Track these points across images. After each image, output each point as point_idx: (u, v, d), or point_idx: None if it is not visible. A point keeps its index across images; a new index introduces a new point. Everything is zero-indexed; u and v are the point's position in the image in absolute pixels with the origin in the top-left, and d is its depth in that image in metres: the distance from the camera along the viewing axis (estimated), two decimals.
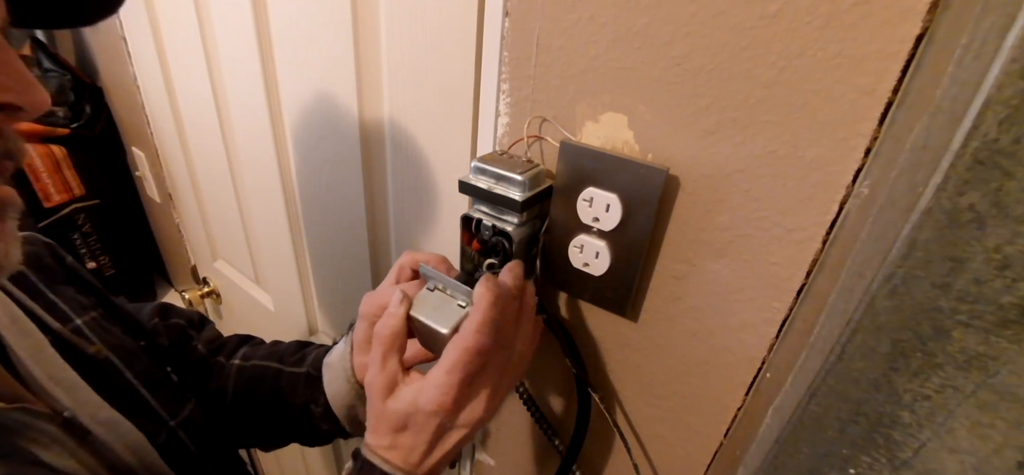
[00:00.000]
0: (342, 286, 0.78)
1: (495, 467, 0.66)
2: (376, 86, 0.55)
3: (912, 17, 0.24)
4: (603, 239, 0.39)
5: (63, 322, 0.39)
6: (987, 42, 0.18)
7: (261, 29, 0.63)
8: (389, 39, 0.50)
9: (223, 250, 1.09)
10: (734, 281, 0.35)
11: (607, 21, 0.33)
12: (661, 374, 0.43)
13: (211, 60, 0.76)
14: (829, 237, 0.30)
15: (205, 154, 0.92)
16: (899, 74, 0.25)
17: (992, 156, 0.18)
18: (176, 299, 1.43)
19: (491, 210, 0.41)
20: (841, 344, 0.24)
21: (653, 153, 0.35)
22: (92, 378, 0.37)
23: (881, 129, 0.26)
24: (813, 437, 0.27)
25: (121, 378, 0.40)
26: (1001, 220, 0.18)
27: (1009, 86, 0.17)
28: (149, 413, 0.41)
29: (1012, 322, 0.19)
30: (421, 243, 0.60)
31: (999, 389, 0.20)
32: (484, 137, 0.45)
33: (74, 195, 1.14)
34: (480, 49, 0.43)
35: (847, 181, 0.28)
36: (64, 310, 0.40)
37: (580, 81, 0.37)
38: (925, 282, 0.21)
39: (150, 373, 0.43)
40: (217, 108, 0.80)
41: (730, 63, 0.30)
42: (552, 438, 0.52)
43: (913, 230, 0.20)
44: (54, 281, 0.41)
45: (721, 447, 0.42)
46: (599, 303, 0.43)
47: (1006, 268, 0.19)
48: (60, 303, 0.40)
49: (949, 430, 0.22)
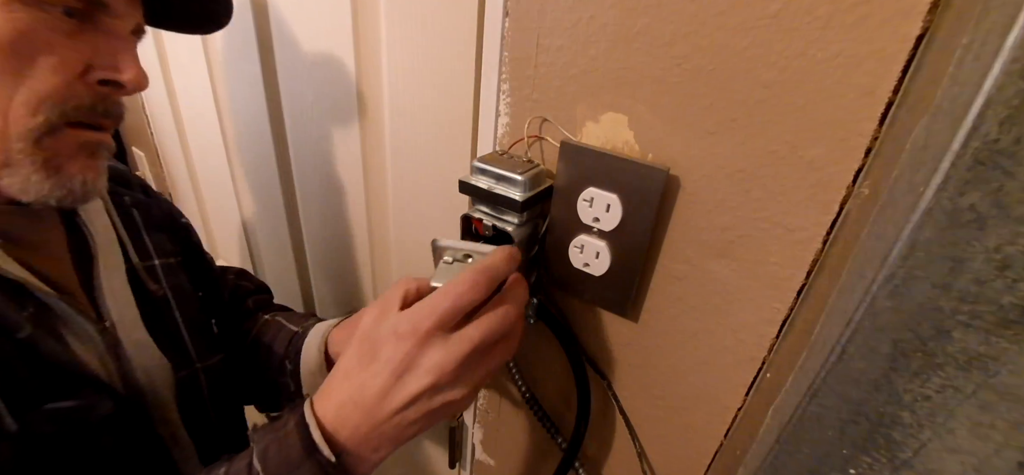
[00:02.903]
0: (342, 286, 0.78)
1: (495, 467, 0.66)
2: (376, 86, 0.55)
3: (912, 17, 0.24)
4: (603, 239, 0.39)
5: (144, 258, 0.46)
6: (987, 42, 0.18)
7: (261, 29, 0.63)
8: (389, 39, 0.50)
9: (223, 250, 1.09)
10: (734, 281, 0.35)
11: (607, 21, 0.33)
12: (661, 374, 0.43)
13: (211, 60, 0.76)
14: (829, 237, 0.30)
15: (205, 153, 0.92)
16: (899, 74, 0.25)
17: (992, 156, 0.18)
18: None
19: (491, 210, 0.41)
20: (841, 344, 0.24)
21: (653, 153, 0.35)
22: (147, 308, 0.43)
23: (881, 129, 0.26)
24: (813, 437, 0.27)
25: (171, 316, 0.47)
26: (1001, 220, 0.18)
27: (1010, 86, 0.17)
28: (182, 350, 0.46)
29: (1012, 322, 0.19)
30: (421, 243, 0.60)
31: (999, 389, 0.20)
32: (484, 137, 0.45)
33: None
34: (480, 49, 0.43)
35: (847, 181, 0.28)
36: (149, 249, 0.48)
37: (580, 81, 0.36)
38: (925, 282, 0.21)
39: (196, 319, 0.49)
40: (217, 108, 0.80)
41: (730, 63, 0.30)
42: (555, 436, 0.52)
43: (913, 230, 0.20)
44: (152, 226, 0.50)
45: (721, 447, 0.42)
46: (599, 303, 0.43)
47: (1006, 268, 0.19)
48: (148, 243, 0.48)
49: (949, 430, 0.22)
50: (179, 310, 0.48)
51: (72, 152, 0.35)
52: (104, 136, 0.37)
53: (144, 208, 0.50)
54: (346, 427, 0.33)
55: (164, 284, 0.47)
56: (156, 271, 0.48)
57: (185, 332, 0.48)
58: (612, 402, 0.48)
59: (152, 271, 0.47)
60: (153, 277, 0.47)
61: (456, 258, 0.36)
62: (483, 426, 0.65)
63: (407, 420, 0.33)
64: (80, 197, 0.36)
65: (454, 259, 0.36)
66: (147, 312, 0.43)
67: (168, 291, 0.47)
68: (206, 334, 0.51)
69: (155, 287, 0.46)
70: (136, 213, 0.49)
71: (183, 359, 0.46)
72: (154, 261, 0.48)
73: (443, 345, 0.32)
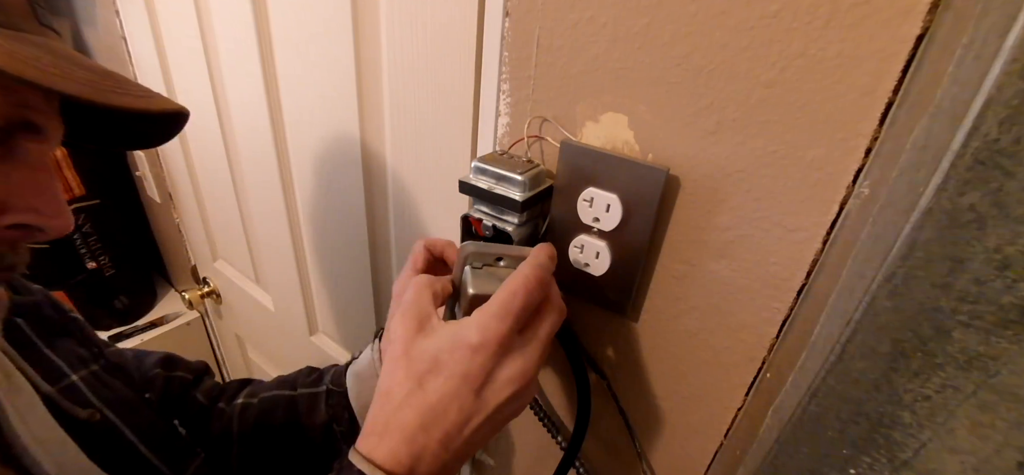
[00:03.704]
0: (342, 286, 0.78)
1: (495, 467, 0.66)
2: (376, 86, 0.55)
3: (912, 17, 0.24)
4: (603, 239, 0.39)
5: (57, 380, 0.36)
6: (987, 42, 0.18)
7: (261, 29, 0.63)
8: (389, 39, 0.50)
9: (223, 250, 1.09)
10: (734, 281, 0.35)
11: (607, 21, 0.33)
12: (661, 374, 0.43)
13: (211, 60, 0.76)
14: (829, 237, 0.30)
15: (205, 154, 0.92)
16: (899, 74, 0.25)
17: (993, 156, 0.18)
18: (176, 299, 1.43)
19: (491, 210, 0.41)
20: (841, 344, 0.24)
21: (653, 153, 0.35)
22: (85, 440, 0.35)
23: (881, 129, 0.26)
24: (813, 437, 0.27)
25: (120, 438, 0.38)
26: (1001, 220, 0.18)
27: (1010, 86, 0.17)
28: (152, 472, 0.39)
29: (1012, 322, 0.19)
30: None
31: (999, 389, 0.20)
32: (484, 137, 0.45)
33: (74, 195, 1.14)
34: (480, 49, 0.43)
35: (847, 181, 0.28)
36: (59, 366, 0.38)
37: (580, 81, 0.37)
38: (925, 282, 0.21)
39: (152, 428, 0.41)
40: (217, 108, 0.80)
41: (730, 63, 0.30)
42: (555, 436, 0.52)
43: (913, 230, 0.20)
44: (52, 333, 0.39)
45: (721, 447, 0.42)
46: (599, 303, 0.43)
47: (1006, 268, 0.19)
48: (55, 359, 0.38)
49: (949, 430, 0.22)
50: (128, 426, 0.38)
51: None
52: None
53: (30, 313, 0.39)
54: (424, 461, 0.27)
55: (96, 402, 0.38)
56: (78, 390, 0.37)
57: (145, 451, 0.39)
58: (612, 402, 0.48)
59: (73, 392, 0.37)
60: (77, 399, 0.37)
61: (486, 262, 0.34)
62: None
63: (482, 435, 0.29)
64: None
65: (484, 264, 0.34)
66: (89, 445, 0.34)
67: (104, 410, 0.38)
68: (172, 441, 0.42)
69: (86, 413, 0.36)
70: (22, 323, 0.37)
71: None
72: (72, 377, 0.38)
73: (521, 351, 0.29)
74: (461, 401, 0.27)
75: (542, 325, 0.30)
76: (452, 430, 0.27)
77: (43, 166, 0.28)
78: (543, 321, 0.30)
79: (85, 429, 0.35)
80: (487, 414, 0.28)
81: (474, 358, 0.27)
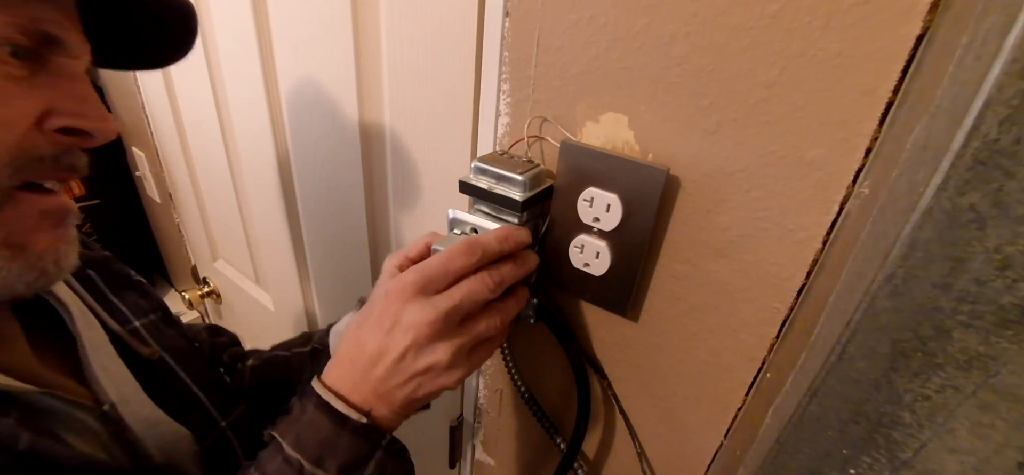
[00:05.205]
0: (342, 286, 0.78)
1: (495, 467, 0.66)
2: (376, 86, 0.55)
3: (912, 17, 0.24)
4: (603, 239, 0.39)
5: (123, 324, 0.41)
6: (988, 42, 0.18)
7: (261, 29, 0.63)
8: (389, 39, 0.50)
9: (223, 250, 1.09)
10: (734, 281, 0.35)
11: (607, 21, 0.33)
12: (661, 374, 0.43)
13: (211, 60, 0.76)
14: (829, 237, 0.30)
15: (205, 154, 0.92)
16: (899, 74, 0.25)
17: (993, 156, 0.18)
18: (176, 299, 1.43)
19: (491, 210, 0.41)
20: (841, 344, 0.24)
21: (654, 153, 0.35)
22: (145, 377, 0.39)
23: (881, 129, 0.26)
24: (813, 437, 0.27)
25: (175, 378, 0.42)
26: (1001, 220, 0.18)
27: (1010, 86, 0.17)
28: (202, 412, 0.43)
29: (1012, 322, 0.19)
30: None
31: (999, 389, 0.20)
32: (484, 137, 0.45)
33: (74, 195, 1.14)
34: (480, 49, 0.43)
35: (847, 181, 0.28)
36: (124, 312, 0.43)
37: (580, 81, 0.37)
38: (925, 282, 0.21)
39: (203, 373, 0.45)
40: (217, 108, 0.80)
41: (731, 63, 0.30)
42: (554, 436, 0.52)
43: (913, 230, 0.20)
44: (119, 286, 0.44)
45: (721, 447, 0.42)
46: (599, 303, 0.43)
47: (1006, 268, 0.19)
48: (122, 306, 0.43)
49: (949, 430, 0.22)
50: (183, 369, 0.43)
51: (35, 224, 0.29)
52: (68, 202, 0.31)
53: (101, 266, 0.44)
54: (345, 383, 0.34)
55: (155, 346, 0.42)
56: (140, 334, 0.42)
57: (198, 391, 0.43)
58: (612, 402, 0.48)
59: (136, 334, 0.41)
60: (141, 340, 0.41)
61: (463, 231, 0.38)
62: (483, 426, 0.65)
63: (404, 377, 0.34)
64: (53, 277, 0.30)
65: (461, 232, 0.38)
66: (147, 382, 0.39)
67: (162, 353, 0.42)
68: (221, 387, 0.47)
69: (148, 350, 0.41)
70: (94, 274, 0.43)
71: (205, 423, 0.41)
72: (135, 323, 0.42)
73: (422, 304, 0.33)
74: (377, 337, 0.34)
75: (453, 290, 0.34)
76: (368, 363, 0.34)
77: (80, 77, 0.30)
78: (456, 288, 0.34)
79: (145, 367, 0.40)
80: (397, 352, 0.33)
81: (387, 302, 0.34)
